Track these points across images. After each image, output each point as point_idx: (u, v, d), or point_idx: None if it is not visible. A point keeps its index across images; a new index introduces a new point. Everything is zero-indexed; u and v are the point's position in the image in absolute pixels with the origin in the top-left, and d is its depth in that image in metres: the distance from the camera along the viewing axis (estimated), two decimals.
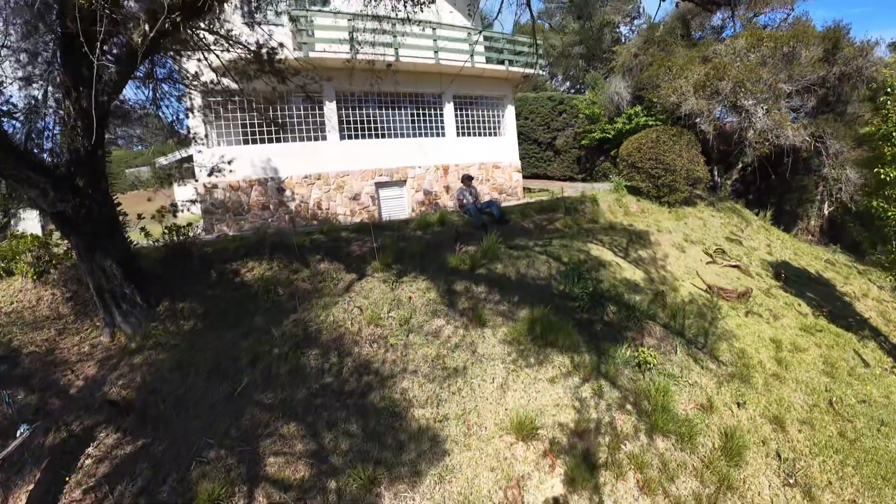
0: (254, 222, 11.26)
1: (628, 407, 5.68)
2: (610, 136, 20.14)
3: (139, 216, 7.45)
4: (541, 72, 14.62)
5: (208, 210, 10.98)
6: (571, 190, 15.65)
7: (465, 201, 9.46)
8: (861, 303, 11.62)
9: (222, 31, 6.38)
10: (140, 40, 5.29)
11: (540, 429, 5.09)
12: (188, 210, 6.86)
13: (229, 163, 7.66)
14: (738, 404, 6.41)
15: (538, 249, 8.50)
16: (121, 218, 6.74)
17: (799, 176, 19.66)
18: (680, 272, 9.93)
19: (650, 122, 18.98)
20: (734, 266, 10.89)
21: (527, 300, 7.12)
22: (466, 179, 9.83)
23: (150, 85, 6.43)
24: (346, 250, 7.69)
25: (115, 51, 5.64)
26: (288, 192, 11.56)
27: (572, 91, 33.37)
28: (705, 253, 11.23)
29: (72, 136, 5.63)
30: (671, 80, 14.89)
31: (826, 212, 20.08)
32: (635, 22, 38.27)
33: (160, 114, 6.61)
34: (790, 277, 11.34)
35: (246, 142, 11.67)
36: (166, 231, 7.51)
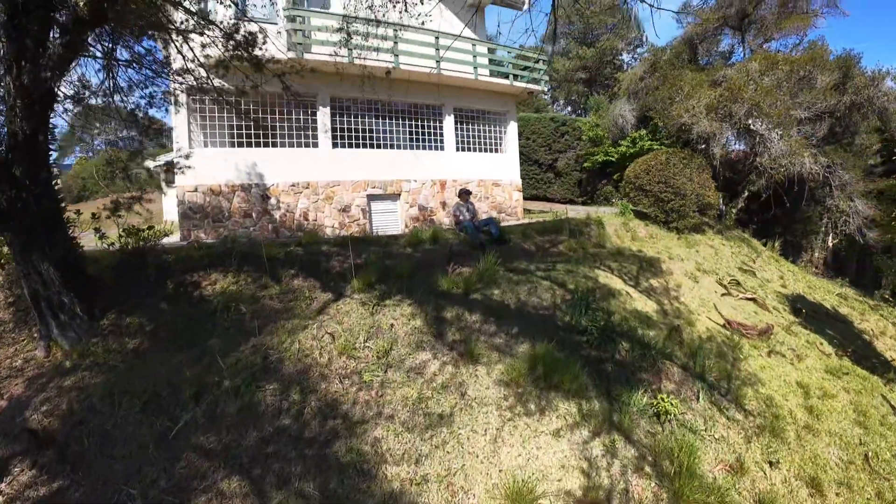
0: (234, 230, 10.26)
1: (647, 469, 4.63)
2: (613, 159, 19.39)
3: (93, 215, 6.45)
4: (545, 89, 13.84)
5: (186, 215, 9.99)
6: (574, 212, 14.77)
7: (461, 218, 8.50)
8: (880, 341, 10.67)
9: (192, 7, 5.47)
10: (85, 6, 4.38)
11: (541, 499, 4.03)
12: (145, 209, 5.84)
13: (187, 157, 6.72)
14: (771, 463, 5.38)
15: (541, 274, 7.51)
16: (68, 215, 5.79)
17: (804, 207, 18.93)
18: (695, 304, 8.96)
19: (655, 146, 18.28)
20: (750, 299, 9.93)
21: (527, 332, 6.11)
22: (464, 194, 8.88)
23: (110, 67, 5.49)
24: (324, 266, 6.68)
25: (63, 20, 4.73)
26: (273, 200, 10.60)
27: (574, 115, 32.78)
28: (719, 284, 10.27)
29: (10, 118, 4.71)
30: (683, 100, 14.11)
31: (830, 244, 19.29)
32: (638, 50, 38.16)
33: (119, 101, 5.63)
34: (808, 312, 10.40)
35: (232, 144, 10.74)
36: (122, 234, 6.51)
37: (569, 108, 38.07)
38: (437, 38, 11.79)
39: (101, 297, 5.90)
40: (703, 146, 15.45)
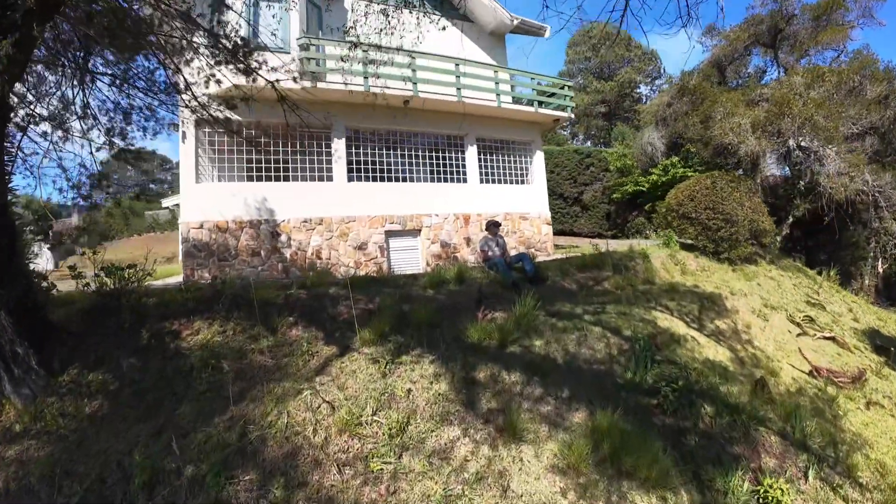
0: (241, 270, 9.19)
1: None
2: (644, 188, 18.07)
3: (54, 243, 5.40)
4: (572, 115, 12.76)
5: (189, 253, 8.98)
6: (610, 246, 13.39)
7: (490, 254, 7.25)
8: None
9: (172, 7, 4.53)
10: None
11: None
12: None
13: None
14: None
15: (589, 318, 6.14)
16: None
17: (849, 230, 17.21)
18: (771, 348, 7.41)
19: (689, 174, 16.97)
20: (829, 338, 8.30)
21: (581, 395, 4.71)
22: (492, 227, 7.64)
23: (78, 80, 4.56)
24: (330, 311, 5.44)
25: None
26: (283, 238, 9.55)
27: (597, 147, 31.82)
28: (791, 321, 8.69)
29: None
30: (724, 119, 12.83)
31: (881, 269, 17.37)
32: (656, 82, 37.40)
33: (90, 115, 4.66)
34: (890, 349, 8.71)
35: (241, 178, 9.84)
36: (98, 274, 5.45)
37: (589, 143, 37.21)
38: (457, 65, 10.92)
39: (64, 347, 4.79)
40: (748, 168, 14.08)
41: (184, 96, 5.95)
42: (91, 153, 4.77)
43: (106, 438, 3.94)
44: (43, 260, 19.61)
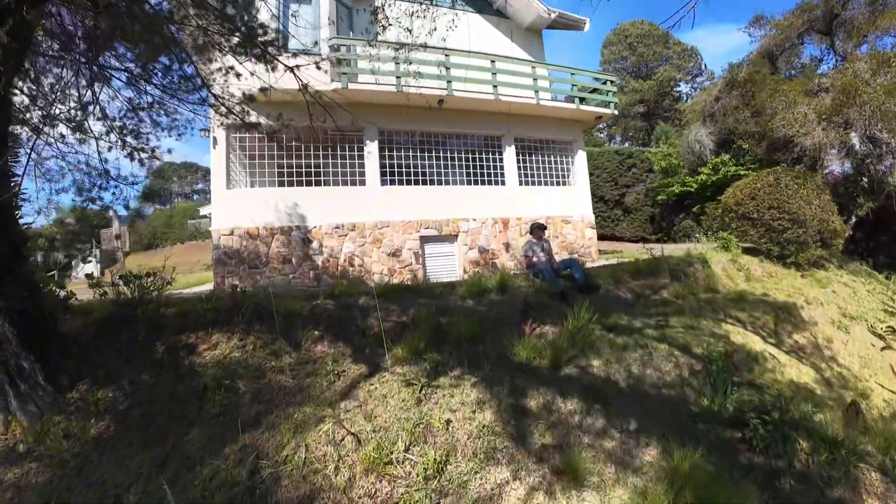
0: (271, 277, 8.79)
1: None
2: (692, 189, 16.84)
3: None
4: (615, 112, 11.86)
5: (220, 260, 8.65)
6: (662, 251, 12.38)
7: (535, 259, 6.50)
8: None
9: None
10: None
11: None
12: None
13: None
14: None
15: (652, 333, 5.30)
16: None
17: None
18: (857, 366, 6.36)
19: (741, 172, 15.69)
20: None
21: (651, 427, 3.91)
22: (537, 230, 6.88)
23: (90, 71, 4.16)
24: (359, 324, 4.84)
25: None
26: (315, 244, 9.10)
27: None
28: (873, 333, 7.55)
29: None
30: (784, 109, 11.63)
31: None
32: (697, 79, 35.61)
33: (102, 114, 4.26)
34: None
35: (272, 183, 9.49)
36: (115, 282, 5.07)
37: (627, 144, 35.80)
38: (493, 61, 10.26)
39: (74, 360, 4.37)
40: (808, 165, 12.74)
41: (212, 98, 5.58)
42: (98, 155, 4.30)
43: (108, 467, 3.46)
44: (90, 267, 20.13)
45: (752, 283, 8.76)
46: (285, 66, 4.66)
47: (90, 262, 20.55)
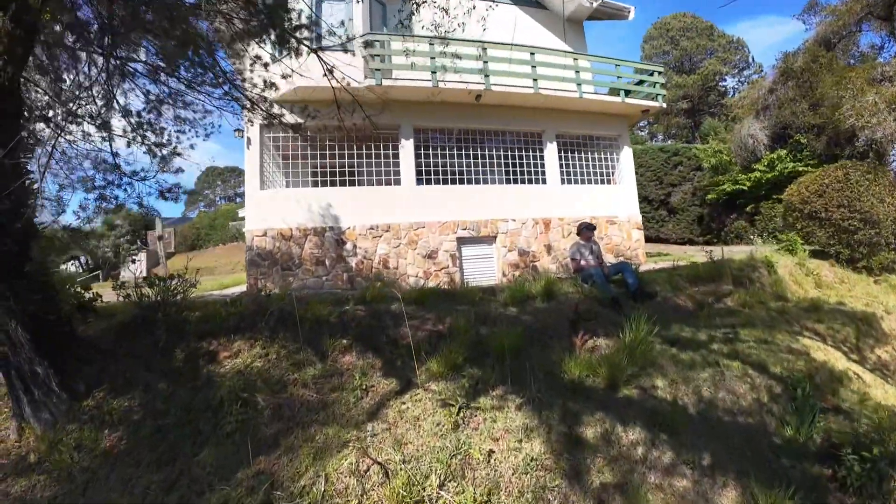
0: (304, 279, 8.50)
1: None
2: (745, 187, 15.60)
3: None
4: (664, 105, 10.99)
5: (253, 262, 8.43)
6: (705, 254, 11.42)
7: (583, 263, 5.85)
8: None
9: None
10: None
11: None
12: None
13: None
14: None
15: (722, 348, 4.59)
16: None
17: None
18: None
19: (799, 168, 14.42)
20: None
21: (728, 462, 3.25)
22: (586, 230, 6.22)
23: (107, 64, 3.88)
24: (391, 334, 4.37)
25: None
26: (349, 246, 8.75)
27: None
28: None
29: None
30: (851, 98, 10.48)
31: None
32: (744, 73, 33.58)
33: (117, 108, 3.97)
34: None
35: (305, 184, 9.22)
36: (137, 285, 4.80)
37: (670, 142, 34.21)
38: (532, 53, 9.65)
39: (92, 367, 4.11)
40: (872, 160, 11.45)
41: (235, 92, 5.29)
42: (111, 151, 4.00)
43: (114, 486, 3.15)
44: (136, 267, 20.75)
45: (823, 290, 7.82)
46: (312, 49, 4.24)
47: (137, 261, 21.20)
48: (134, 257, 21.37)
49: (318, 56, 4.23)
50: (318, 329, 4.32)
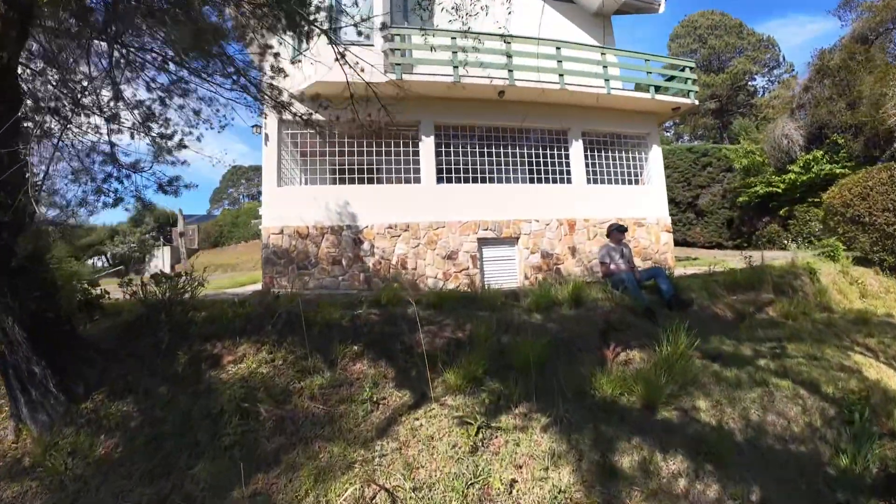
0: (320, 279, 8.25)
1: None
2: (779, 189, 14.83)
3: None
4: (696, 102, 10.41)
5: (269, 260, 8.22)
6: (740, 259, 10.80)
7: (613, 267, 5.41)
8: None
9: None
10: None
11: None
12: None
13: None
14: None
15: (769, 365, 4.12)
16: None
17: None
18: None
19: (837, 170, 13.64)
20: None
21: (779, 497, 2.83)
22: (616, 232, 5.75)
23: (111, 52, 3.65)
24: (405, 340, 4.03)
25: None
26: (366, 245, 8.47)
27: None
28: None
29: None
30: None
31: None
32: (774, 72, 32.28)
33: (120, 98, 3.73)
34: None
35: (322, 181, 8.99)
36: (144, 283, 4.60)
37: (697, 143, 33.14)
38: (558, 48, 9.21)
39: (92, 368, 3.91)
40: None
41: (256, 87, 5.06)
42: (110, 142, 3.75)
43: (105, 498, 2.92)
44: (158, 263, 20.99)
45: (869, 301, 7.24)
46: (329, 37, 3.95)
47: (158, 257, 21.46)
48: (157, 253, 21.63)
49: (329, 38, 3.92)
50: (328, 334, 4.01)
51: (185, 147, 3.97)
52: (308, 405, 3.32)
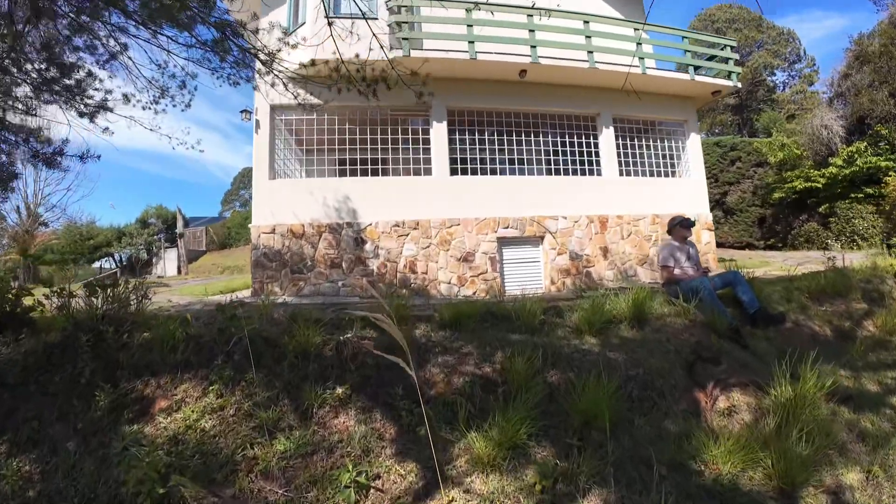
0: (317, 284, 7.08)
1: None
2: (819, 185, 13.34)
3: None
4: (738, 84, 9.07)
5: (260, 263, 7.07)
6: (782, 260, 9.44)
7: (677, 272, 4.11)
8: None
9: None
10: None
11: None
12: None
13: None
14: None
15: None
16: None
17: None
18: None
19: (882, 163, 12.21)
20: None
21: None
22: (681, 227, 4.32)
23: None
24: (412, 377, 2.83)
25: None
26: (369, 246, 7.28)
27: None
28: None
29: None
30: None
31: None
32: (796, 66, 30.64)
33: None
34: None
35: (321, 173, 7.86)
36: (71, 294, 3.45)
37: (724, 137, 31.52)
38: (586, 22, 7.94)
39: None
40: None
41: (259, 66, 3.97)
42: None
43: None
44: (163, 266, 20.03)
45: None
46: None
47: (165, 260, 20.51)
48: (163, 255, 20.74)
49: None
50: (303, 368, 2.81)
51: (108, 110, 2.80)
52: (261, 488, 2.12)
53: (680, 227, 4.23)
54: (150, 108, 3.78)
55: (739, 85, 9.26)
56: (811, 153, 14.26)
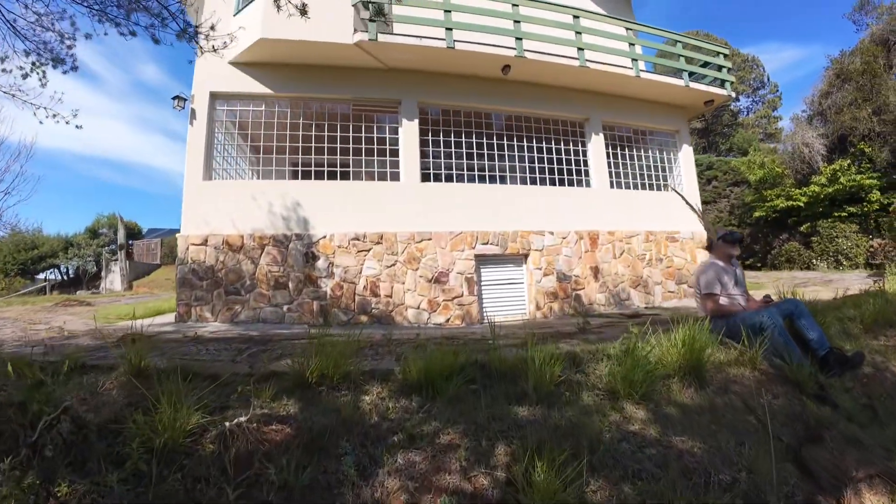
0: (257, 308, 5.74)
1: None
2: (801, 203, 13.01)
3: None
4: (733, 94, 8.46)
5: (187, 281, 5.68)
6: (780, 282, 8.70)
7: (723, 301, 3.01)
8: None
9: None
10: None
11: None
12: None
13: None
14: None
15: None
16: None
17: None
18: None
19: (865, 181, 12.00)
20: None
21: None
22: (725, 243, 3.18)
23: None
24: (363, 490, 1.65)
25: None
26: (322, 262, 6.02)
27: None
28: None
29: None
30: None
31: None
32: (759, 92, 31.52)
33: None
34: None
35: (267, 174, 6.63)
36: None
37: (698, 156, 31.86)
38: (576, 17, 7.11)
39: None
40: None
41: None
42: None
43: None
44: (112, 279, 17.97)
45: None
46: None
47: (115, 273, 18.45)
48: (114, 267, 18.76)
49: None
50: (163, 477, 1.56)
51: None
52: None
53: (724, 242, 3.20)
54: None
55: (734, 94, 8.63)
56: (792, 171, 14.01)
